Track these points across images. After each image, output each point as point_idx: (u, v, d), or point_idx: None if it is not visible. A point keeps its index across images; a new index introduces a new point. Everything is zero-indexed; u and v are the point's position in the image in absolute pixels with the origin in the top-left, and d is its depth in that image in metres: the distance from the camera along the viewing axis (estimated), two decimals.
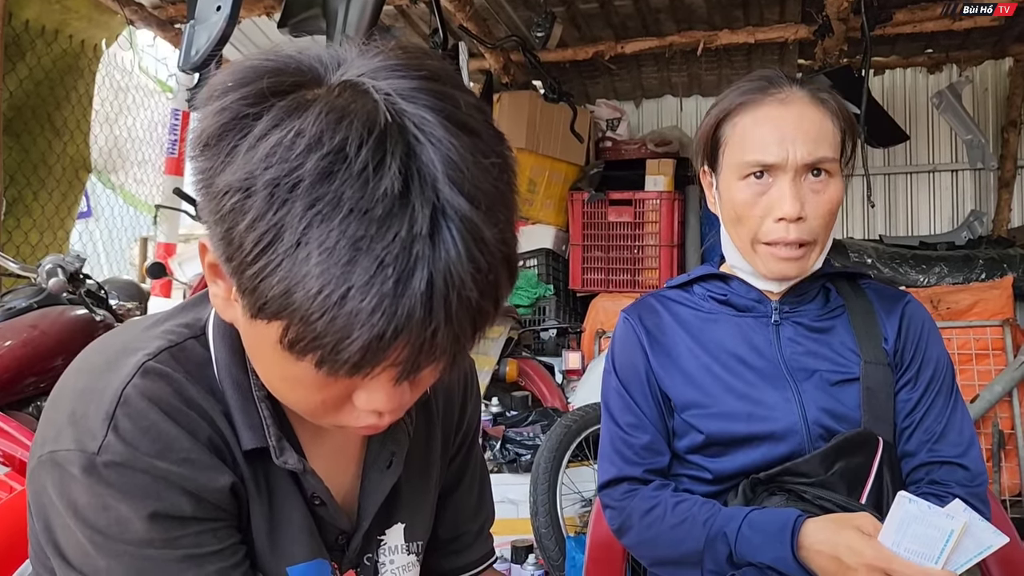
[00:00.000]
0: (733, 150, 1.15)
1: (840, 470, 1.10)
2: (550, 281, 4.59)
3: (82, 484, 0.62)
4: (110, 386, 0.64)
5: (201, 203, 0.57)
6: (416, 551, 0.85)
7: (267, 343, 0.57)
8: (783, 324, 1.20)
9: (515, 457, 2.93)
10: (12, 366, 1.90)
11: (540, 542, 2.47)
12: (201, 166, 0.56)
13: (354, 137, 0.52)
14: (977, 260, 4.00)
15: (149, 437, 0.63)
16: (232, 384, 0.70)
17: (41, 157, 3.76)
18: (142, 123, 4.98)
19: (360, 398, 0.61)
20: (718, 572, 1.09)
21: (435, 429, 0.89)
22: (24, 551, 0.79)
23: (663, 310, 1.26)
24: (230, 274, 0.57)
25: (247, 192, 0.52)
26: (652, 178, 4.45)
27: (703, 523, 1.10)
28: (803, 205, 1.10)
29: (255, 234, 0.52)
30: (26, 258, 3.49)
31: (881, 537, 0.96)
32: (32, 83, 3.67)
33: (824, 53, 3.93)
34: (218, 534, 0.67)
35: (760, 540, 1.05)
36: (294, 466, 0.71)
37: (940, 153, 4.94)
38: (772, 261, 1.14)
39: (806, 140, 1.10)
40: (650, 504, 1.16)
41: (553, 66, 4.43)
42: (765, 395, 1.15)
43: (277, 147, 0.52)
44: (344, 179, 0.51)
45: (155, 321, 0.73)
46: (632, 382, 1.22)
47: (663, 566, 1.18)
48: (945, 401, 1.18)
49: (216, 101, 0.56)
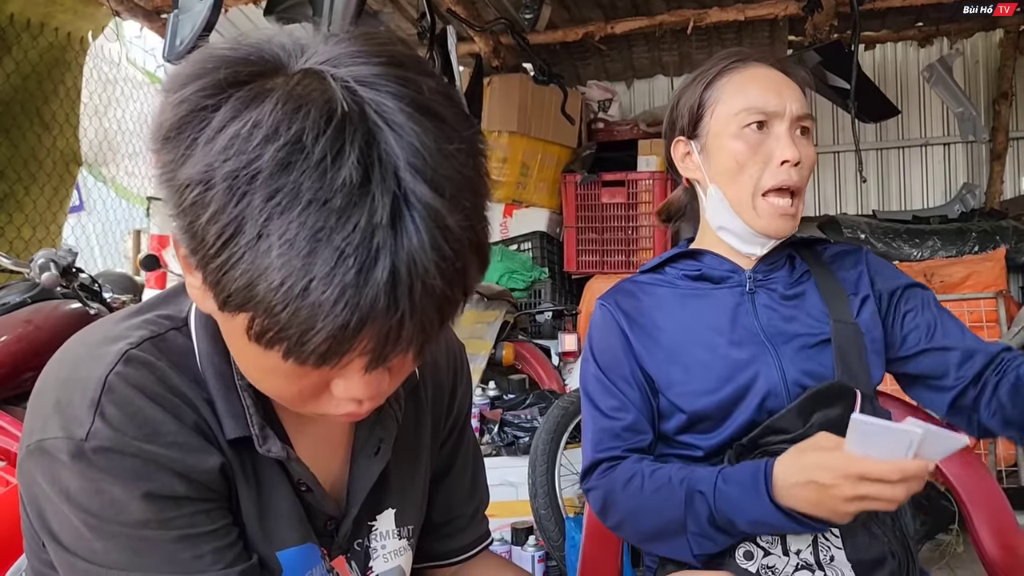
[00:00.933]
0: (727, 105, 1.20)
1: (818, 422, 1.10)
2: (545, 264, 4.59)
3: (72, 470, 0.62)
4: (93, 374, 0.65)
5: (164, 197, 0.57)
6: (408, 536, 0.86)
7: (237, 334, 0.57)
8: (757, 292, 1.23)
9: (513, 440, 2.95)
10: (7, 361, 1.90)
11: (540, 523, 2.49)
12: (162, 159, 0.56)
13: (311, 127, 0.51)
14: (970, 233, 4.01)
15: (136, 422, 0.64)
16: (215, 374, 0.70)
17: (31, 152, 3.74)
18: (132, 115, 4.95)
19: (337, 386, 0.62)
20: (703, 535, 1.07)
21: (424, 415, 0.89)
22: (20, 545, 0.80)
23: (640, 293, 1.27)
24: (196, 267, 0.57)
25: (207, 185, 0.52)
26: (644, 158, 4.44)
27: (679, 483, 1.09)
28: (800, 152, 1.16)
29: (216, 227, 0.52)
30: (19, 253, 3.48)
31: (847, 448, 0.94)
32: (19, 77, 3.65)
33: (814, 29, 3.92)
34: (211, 515, 0.67)
35: (736, 492, 1.04)
36: (278, 454, 0.71)
37: (932, 127, 4.94)
38: (771, 217, 1.17)
39: (795, 95, 1.19)
40: (628, 475, 1.15)
41: (543, 48, 4.41)
42: (745, 358, 1.16)
43: (235, 139, 0.51)
44: (303, 170, 0.51)
45: (136, 311, 0.73)
46: (612, 366, 1.22)
47: (651, 542, 1.16)
48: (948, 313, 1.23)
49: (175, 93, 0.55)
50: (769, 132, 1.17)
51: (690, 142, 1.26)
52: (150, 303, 0.75)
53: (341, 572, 0.80)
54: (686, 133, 1.26)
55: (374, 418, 0.80)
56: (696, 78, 1.25)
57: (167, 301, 0.75)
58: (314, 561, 0.75)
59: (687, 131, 1.26)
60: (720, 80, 1.21)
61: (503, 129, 4.33)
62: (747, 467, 1.06)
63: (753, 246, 1.22)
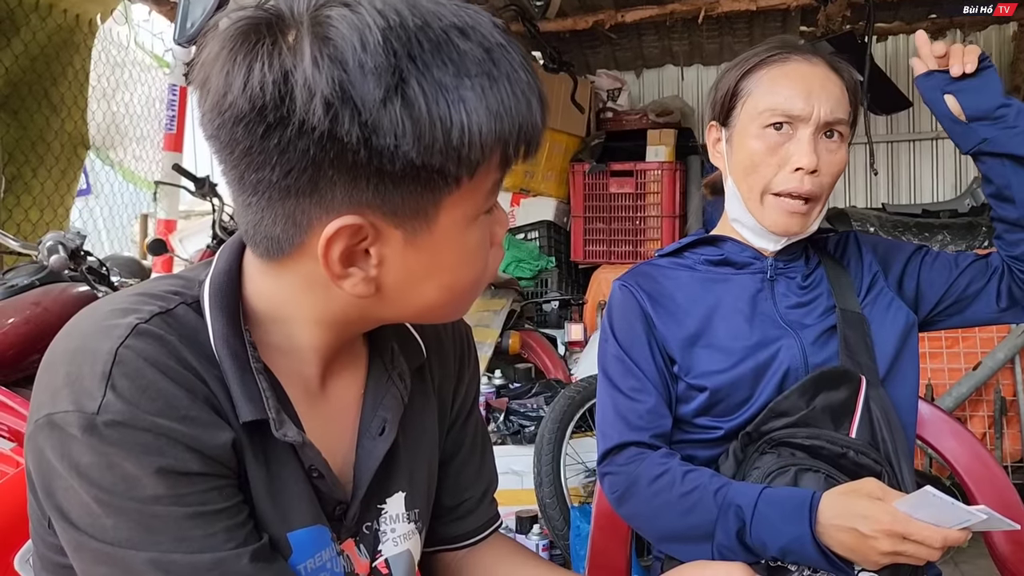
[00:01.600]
0: (756, 100, 1.18)
1: (822, 404, 1.11)
2: (552, 253, 4.58)
3: (83, 444, 0.61)
4: (103, 347, 0.64)
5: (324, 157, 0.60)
6: (415, 519, 0.85)
7: (453, 230, 0.67)
8: (777, 280, 1.24)
9: (519, 429, 2.95)
10: (15, 343, 1.90)
11: (544, 512, 2.49)
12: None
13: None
14: (980, 227, 3.98)
15: (148, 395, 0.63)
16: (230, 355, 0.69)
17: (39, 134, 3.74)
18: (139, 99, 4.94)
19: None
20: (729, 547, 1.06)
21: (431, 398, 0.89)
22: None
23: (660, 276, 1.27)
24: (388, 213, 0.64)
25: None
26: (653, 148, 4.42)
27: (714, 493, 1.07)
28: (819, 160, 1.14)
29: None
30: (27, 236, 3.48)
31: (897, 504, 0.96)
32: (28, 59, 3.64)
33: (827, 19, 3.89)
34: (224, 492, 0.66)
35: (777, 516, 1.02)
36: (293, 439, 0.70)
37: None
38: (779, 214, 1.17)
39: (829, 98, 1.15)
40: (659, 471, 1.13)
41: (553, 36, 4.38)
42: (768, 340, 1.18)
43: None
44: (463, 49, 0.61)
45: (144, 288, 0.73)
46: (634, 346, 1.21)
47: (667, 540, 1.14)
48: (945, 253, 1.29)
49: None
50: (792, 135, 1.15)
51: (722, 128, 1.25)
52: (158, 280, 0.75)
53: (351, 555, 0.79)
54: (719, 119, 1.25)
55: (377, 397, 0.80)
56: (737, 64, 1.23)
57: (176, 279, 0.75)
58: (324, 543, 0.75)
59: (719, 117, 1.25)
60: (757, 72, 1.19)
61: None
62: (794, 494, 1.05)
63: (765, 241, 1.23)
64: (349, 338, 0.78)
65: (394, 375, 0.81)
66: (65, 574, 0.69)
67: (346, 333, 0.76)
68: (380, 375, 0.81)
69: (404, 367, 0.83)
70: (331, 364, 0.78)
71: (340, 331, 0.75)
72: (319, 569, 0.74)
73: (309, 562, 0.73)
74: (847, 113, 1.17)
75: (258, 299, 0.73)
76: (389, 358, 0.82)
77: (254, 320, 0.73)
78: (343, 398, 0.80)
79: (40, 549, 0.72)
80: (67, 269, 2.11)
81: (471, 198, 0.66)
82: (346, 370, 0.80)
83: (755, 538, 1.04)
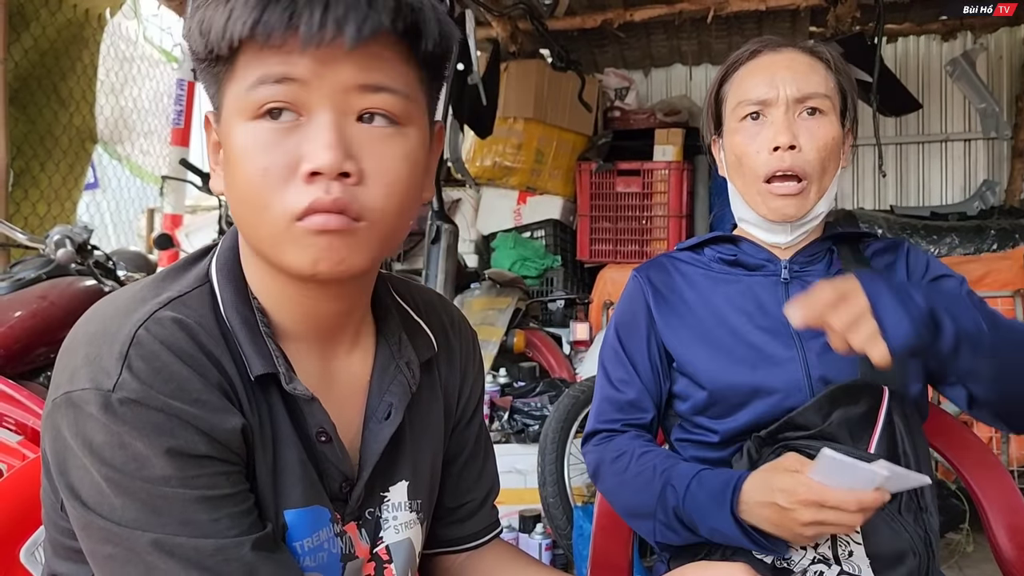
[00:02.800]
0: (731, 100, 1.21)
1: (839, 419, 1.10)
2: (558, 252, 4.58)
3: (98, 422, 0.63)
4: (123, 328, 0.66)
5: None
6: (417, 510, 0.86)
7: (238, 124, 0.67)
8: (792, 283, 1.21)
9: (523, 427, 2.95)
10: (22, 336, 1.91)
11: (548, 512, 2.49)
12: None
13: None
14: (989, 231, 3.97)
15: (162, 377, 0.64)
16: (239, 320, 0.72)
17: (47, 128, 3.75)
18: (147, 94, 4.95)
19: (308, 137, 0.66)
20: (668, 524, 1.10)
21: (438, 393, 0.90)
22: (38, 518, 0.79)
23: (673, 270, 1.28)
24: (210, 90, 0.70)
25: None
26: (661, 148, 4.41)
27: (660, 473, 1.12)
28: (796, 136, 1.14)
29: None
30: (34, 229, 3.49)
31: (810, 474, 0.96)
32: (37, 53, 3.65)
33: (836, 20, 3.87)
34: (231, 478, 0.68)
35: (704, 497, 1.06)
36: (303, 393, 0.73)
37: (953, 122, 4.89)
38: (771, 198, 1.16)
39: (795, 78, 1.15)
40: (618, 452, 1.19)
41: (561, 34, 4.38)
42: (770, 350, 1.16)
43: None
44: None
45: (162, 277, 0.76)
46: (630, 338, 1.25)
47: (628, 517, 1.20)
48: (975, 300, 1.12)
49: None
50: (766, 120, 1.16)
51: (719, 140, 1.28)
52: (175, 267, 0.78)
53: (352, 537, 0.80)
54: (714, 131, 1.28)
55: (384, 383, 0.82)
56: (716, 76, 1.27)
57: (190, 264, 0.78)
58: (322, 524, 0.76)
59: (714, 129, 1.28)
60: (732, 74, 1.23)
61: (519, 115, 4.31)
62: (721, 475, 1.08)
63: (775, 234, 1.22)
64: (326, 306, 0.77)
65: (401, 363, 0.83)
66: (76, 558, 0.70)
67: (304, 292, 0.75)
68: (387, 361, 0.83)
69: (412, 357, 0.84)
70: (337, 350, 0.80)
71: (293, 288, 0.74)
72: (317, 549, 0.75)
73: (306, 541, 0.74)
74: (824, 87, 1.15)
75: (250, 280, 0.76)
76: (396, 346, 0.84)
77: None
78: (352, 384, 0.81)
79: (52, 533, 0.73)
80: (74, 263, 2.12)
81: (239, 82, 0.67)
82: (353, 356, 0.82)
83: (686, 517, 1.08)
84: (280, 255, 0.69)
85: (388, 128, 0.69)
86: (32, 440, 1.60)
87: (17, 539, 0.91)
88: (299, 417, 0.75)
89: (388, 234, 0.71)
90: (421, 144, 0.72)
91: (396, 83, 0.68)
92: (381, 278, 0.86)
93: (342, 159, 0.65)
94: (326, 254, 0.67)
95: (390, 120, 0.69)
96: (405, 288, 0.92)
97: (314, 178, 0.65)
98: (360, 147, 0.67)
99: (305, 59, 0.65)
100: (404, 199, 0.70)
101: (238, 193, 0.69)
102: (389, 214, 0.69)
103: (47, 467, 0.69)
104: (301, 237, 0.66)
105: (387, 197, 0.69)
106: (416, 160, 0.72)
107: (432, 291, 0.98)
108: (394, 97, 0.68)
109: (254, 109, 0.66)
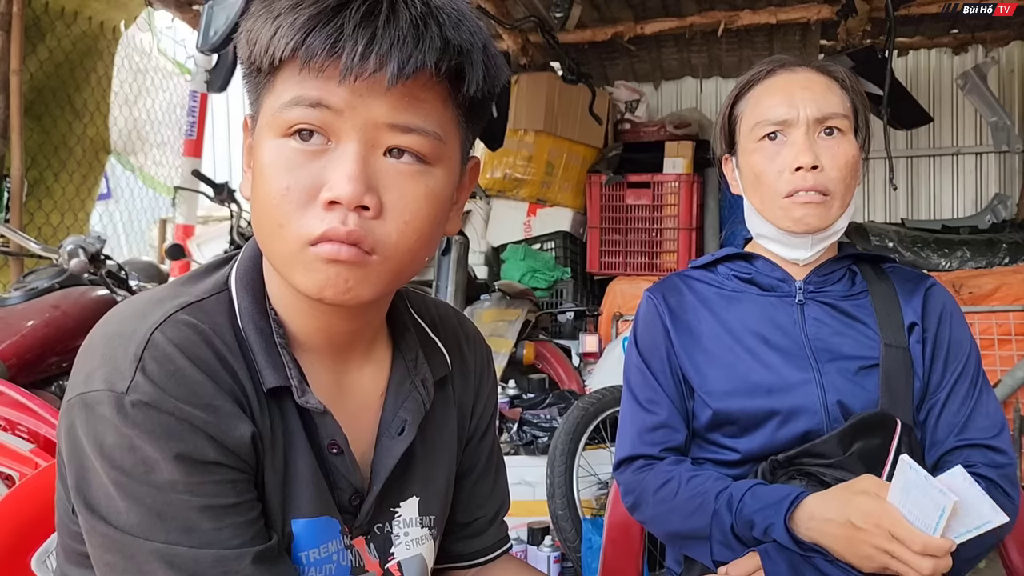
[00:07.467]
0: (748, 120, 1.20)
1: (858, 451, 1.10)
2: (567, 264, 4.58)
3: (111, 424, 0.63)
4: (139, 331, 0.66)
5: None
6: (429, 525, 0.86)
7: (268, 138, 0.67)
8: (808, 304, 1.20)
9: (532, 439, 2.94)
10: (35, 346, 1.92)
11: (557, 524, 2.47)
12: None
13: None
14: (1000, 244, 3.95)
15: (175, 380, 0.65)
16: (255, 330, 0.72)
17: (62, 139, 3.79)
18: (161, 105, 4.99)
19: (329, 167, 0.66)
20: (725, 543, 1.09)
21: (451, 409, 0.89)
22: (50, 526, 0.80)
23: (686, 289, 1.27)
24: (251, 96, 0.70)
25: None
26: (671, 160, 4.42)
27: (715, 496, 1.11)
28: (818, 157, 1.14)
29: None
30: (47, 239, 3.52)
31: (889, 498, 0.98)
32: (52, 65, 3.69)
33: (847, 34, 3.88)
34: (237, 487, 0.67)
35: (758, 507, 1.06)
36: (315, 406, 0.73)
37: (964, 136, 4.87)
38: (795, 208, 1.15)
39: (814, 98, 1.15)
40: (664, 479, 1.17)
41: (572, 47, 4.40)
42: (785, 373, 1.15)
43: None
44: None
45: (182, 281, 0.76)
46: (653, 358, 1.24)
47: (676, 541, 1.19)
48: (971, 385, 1.17)
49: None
50: (786, 140, 1.16)
51: (732, 158, 1.27)
52: (195, 273, 0.78)
53: (361, 552, 0.80)
54: (726, 149, 1.28)
55: (399, 399, 0.81)
56: (729, 95, 1.26)
57: (210, 271, 0.78)
58: (331, 535, 0.75)
59: (726, 147, 1.27)
60: (747, 93, 1.22)
61: (529, 128, 4.32)
62: (779, 491, 1.08)
63: (794, 248, 1.20)
64: (339, 323, 0.77)
65: (416, 380, 0.83)
66: (88, 563, 0.70)
67: (316, 308, 0.75)
68: (402, 378, 0.83)
69: (428, 374, 0.84)
70: (351, 363, 0.80)
71: (306, 303, 0.74)
72: (324, 560, 0.75)
73: (312, 552, 0.74)
74: (841, 107, 1.16)
75: (269, 288, 0.76)
76: (413, 363, 0.84)
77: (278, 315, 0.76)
78: (365, 398, 0.81)
79: (64, 539, 0.73)
80: (87, 272, 2.13)
81: (276, 98, 0.68)
82: (368, 372, 0.82)
83: (738, 527, 1.07)
84: (290, 274, 0.69)
85: (415, 166, 0.68)
86: (45, 449, 1.61)
87: (29, 547, 0.92)
88: (312, 428, 0.75)
89: (400, 269, 0.70)
90: (448, 183, 0.72)
91: (429, 124, 0.67)
92: (398, 294, 0.86)
93: (362, 192, 0.65)
94: (333, 282, 0.67)
95: (418, 158, 0.68)
96: (422, 303, 0.92)
97: (332, 206, 0.65)
98: (383, 181, 0.67)
99: (342, 89, 0.64)
100: (421, 237, 0.70)
101: (259, 206, 0.69)
102: (403, 250, 0.69)
103: (62, 471, 0.69)
104: (312, 262, 0.66)
105: (403, 234, 0.68)
106: (440, 198, 0.71)
107: (449, 306, 0.98)
108: (425, 138, 0.67)
109: (285, 127, 0.66)
